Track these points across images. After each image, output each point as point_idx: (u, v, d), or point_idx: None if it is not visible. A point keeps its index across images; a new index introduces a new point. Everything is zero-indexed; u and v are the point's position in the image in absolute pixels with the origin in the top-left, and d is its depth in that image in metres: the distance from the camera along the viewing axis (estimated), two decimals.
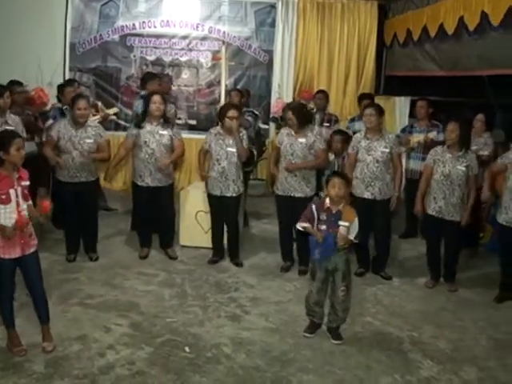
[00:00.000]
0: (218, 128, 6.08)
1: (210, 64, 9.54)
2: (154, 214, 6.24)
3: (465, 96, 9.16)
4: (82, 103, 5.76)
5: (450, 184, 5.54)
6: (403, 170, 6.24)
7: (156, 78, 7.16)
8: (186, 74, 9.64)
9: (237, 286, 5.64)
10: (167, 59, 9.54)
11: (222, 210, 6.14)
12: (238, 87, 9.05)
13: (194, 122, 9.44)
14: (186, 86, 9.61)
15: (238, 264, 6.17)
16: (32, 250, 4.12)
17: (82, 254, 6.15)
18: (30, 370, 3.96)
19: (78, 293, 5.27)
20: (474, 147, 6.52)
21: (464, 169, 5.50)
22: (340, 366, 4.23)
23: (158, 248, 6.44)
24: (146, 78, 7.19)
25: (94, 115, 6.60)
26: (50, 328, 4.31)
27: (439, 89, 8.63)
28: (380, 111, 5.81)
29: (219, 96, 7.54)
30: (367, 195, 5.80)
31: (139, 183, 6.08)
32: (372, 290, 5.68)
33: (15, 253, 4.02)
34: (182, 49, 9.54)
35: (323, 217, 4.44)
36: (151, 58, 9.52)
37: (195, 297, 5.33)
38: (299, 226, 4.53)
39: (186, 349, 4.36)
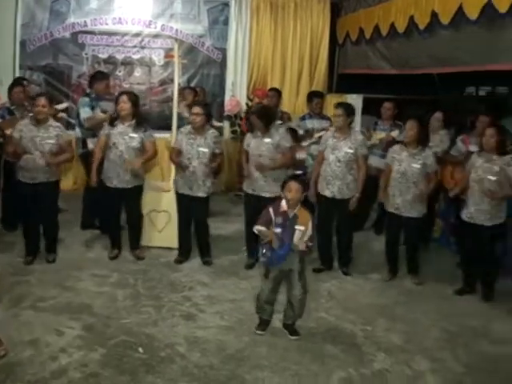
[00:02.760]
0: (189, 127, 6.02)
1: (162, 62, 9.44)
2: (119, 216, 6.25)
3: (417, 93, 9.36)
4: (40, 100, 5.67)
5: (406, 181, 5.64)
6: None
7: (105, 79, 7.07)
8: (138, 72, 9.52)
9: (191, 284, 5.61)
10: (119, 57, 9.40)
11: (190, 209, 6.10)
12: (192, 85, 9.01)
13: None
14: (138, 84, 9.46)
15: (209, 263, 6.16)
16: None
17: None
18: None
19: (30, 295, 5.16)
20: (430, 144, 6.70)
21: (419, 166, 5.60)
22: (295, 361, 4.26)
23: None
24: (95, 77, 7.08)
25: None
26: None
27: (391, 86, 8.76)
28: (349, 111, 5.85)
29: (172, 94, 7.47)
30: (327, 193, 5.86)
31: (108, 184, 5.99)
32: (326, 286, 5.73)
33: None
34: (135, 46, 9.41)
35: (279, 220, 4.44)
36: (103, 55, 9.36)
37: (149, 297, 5.29)
38: (255, 229, 4.50)
39: (140, 349, 4.33)
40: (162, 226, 6.43)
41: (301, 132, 7.29)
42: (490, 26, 5.86)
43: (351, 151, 5.77)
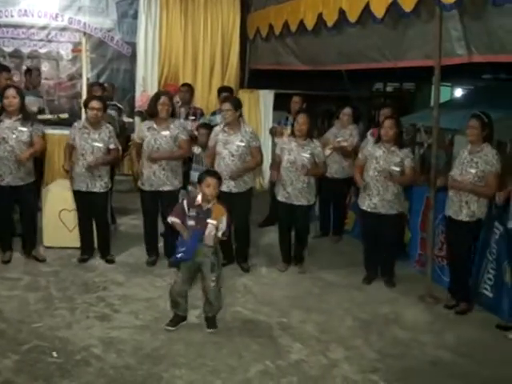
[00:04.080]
0: (83, 121, 5.91)
1: (70, 56, 9.20)
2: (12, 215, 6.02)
3: (327, 90, 9.60)
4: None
5: (295, 171, 5.83)
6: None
7: (3, 72, 6.83)
8: (45, 67, 9.23)
9: (105, 284, 5.52)
10: (26, 51, 9.09)
11: (88, 206, 5.98)
12: (101, 80, 8.83)
13: (65, 116, 8.80)
14: (46, 78, 9.15)
15: (110, 261, 6.06)
16: None
17: None
18: None
19: None
20: (339, 138, 6.92)
21: (308, 156, 5.81)
22: (212, 357, 4.27)
23: (20, 250, 6.11)
24: None
25: None
26: None
27: (302, 82, 8.93)
28: (236, 105, 5.90)
29: (81, 89, 7.29)
30: (224, 188, 5.82)
31: None
32: (241, 280, 5.79)
33: None
34: (41, 40, 9.13)
35: (192, 213, 4.47)
36: (9, 49, 9.03)
37: (62, 299, 5.15)
38: (170, 219, 4.56)
39: (54, 354, 4.21)
40: (72, 225, 6.26)
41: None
42: (396, 24, 6.09)
43: (243, 144, 5.84)
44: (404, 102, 11.80)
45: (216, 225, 4.46)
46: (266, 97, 9.62)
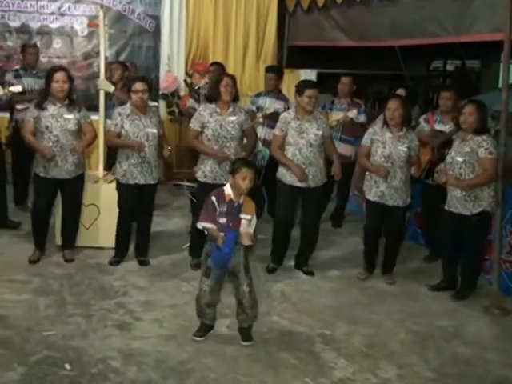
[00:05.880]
0: (129, 107, 5.97)
1: (86, 32, 9.31)
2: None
3: (377, 69, 9.52)
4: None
5: (392, 166, 5.76)
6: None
7: (29, 48, 7.08)
8: (57, 44, 9.36)
9: (125, 289, 5.58)
10: (35, 26, 9.22)
11: (137, 201, 6.09)
12: (121, 59, 8.92)
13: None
14: (58, 57, 9.31)
15: (144, 262, 6.18)
16: None
17: None
18: None
19: None
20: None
21: (406, 150, 5.74)
22: (245, 372, 4.29)
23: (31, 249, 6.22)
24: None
25: None
26: None
27: (349, 61, 8.88)
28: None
29: (98, 69, 7.38)
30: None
31: (42, 174, 5.90)
32: (279, 286, 5.79)
33: None
34: (53, 13, 9.25)
35: (223, 209, 4.47)
36: (15, 24, 9.15)
37: (76, 305, 5.22)
38: (200, 225, 4.52)
39: (67, 366, 4.26)
40: (89, 222, 6.36)
41: (253, 108, 7.41)
42: None
43: (320, 132, 5.87)
44: (467, 83, 11.63)
45: (250, 219, 4.49)
46: (308, 77, 9.57)
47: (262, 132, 7.22)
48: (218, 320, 4.80)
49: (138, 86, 5.86)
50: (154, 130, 5.96)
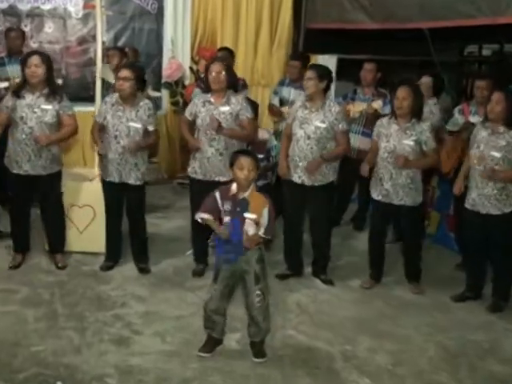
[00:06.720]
0: (116, 96, 5.97)
1: (81, 14, 9.30)
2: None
3: (404, 54, 9.46)
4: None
5: (395, 161, 5.72)
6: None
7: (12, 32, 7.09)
8: (49, 28, 9.34)
9: (123, 299, 5.59)
10: (24, 7, 9.19)
11: (120, 201, 6.10)
12: (120, 44, 8.94)
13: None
14: (50, 42, 9.29)
15: (144, 270, 6.18)
16: None
17: None
18: None
19: None
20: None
21: (412, 143, 5.69)
22: None
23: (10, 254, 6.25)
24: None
25: None
26: None
27: (373, 45, 8.84)
28: (322, 74, 5.89)
29: (95, 55, 7.39)
30: (295, 178, 5.90)
31: (15, 171, 5.91)
32: (295, 297, 5.79)
33: None
34: None
35: (227, 206, 4.45)
36: (2, 5, 9.13)
37: (69, 317, 5.23)
38: (198, 217, 4.53)
39: None
40: (84, 225, 6.36)
41: (276, 100, 7.41)
42: None
43: (323, 125, 5.81)
44: (506, 70, 11.53)
45: (256, 220, 4.41)
46: (327, 63, 9.46)
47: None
48: (227, 334, 4.79)
49: (121, 72, 5.85)
50: (138, 125, 5.89)
